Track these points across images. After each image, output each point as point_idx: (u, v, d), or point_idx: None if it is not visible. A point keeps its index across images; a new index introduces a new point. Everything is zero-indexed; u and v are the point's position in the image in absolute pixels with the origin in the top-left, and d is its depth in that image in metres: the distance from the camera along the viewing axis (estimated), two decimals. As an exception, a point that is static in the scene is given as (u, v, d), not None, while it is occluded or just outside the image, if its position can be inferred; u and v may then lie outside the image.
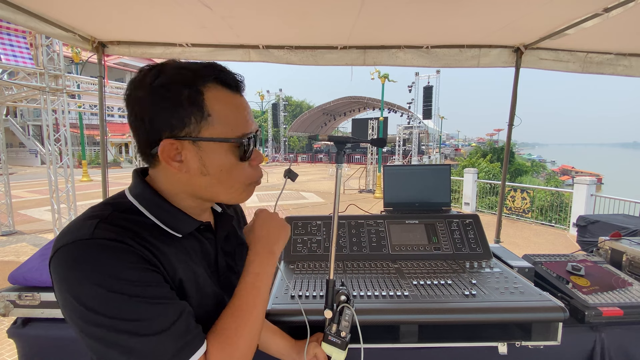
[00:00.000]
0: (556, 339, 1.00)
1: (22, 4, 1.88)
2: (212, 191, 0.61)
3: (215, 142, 0.57)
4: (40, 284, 1.16)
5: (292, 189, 14.06)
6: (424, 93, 20.70)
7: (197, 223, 0.64)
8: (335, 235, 0.85)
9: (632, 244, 1.47)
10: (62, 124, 6.53)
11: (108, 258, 0.49)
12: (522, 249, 5.91)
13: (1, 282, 4.12)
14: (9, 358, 2.87)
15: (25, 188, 13.76)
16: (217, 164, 0.58)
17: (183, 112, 0.55)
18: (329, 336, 0.79)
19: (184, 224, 0.61)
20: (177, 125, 0.55)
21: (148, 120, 0.55)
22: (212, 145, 0.57)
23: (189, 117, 0.55)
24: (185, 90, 0.54)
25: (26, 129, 27.06)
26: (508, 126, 2.82)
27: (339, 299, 0.81)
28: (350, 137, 0.85)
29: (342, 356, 0.78)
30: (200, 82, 0.56)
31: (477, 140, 66.09)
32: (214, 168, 0.58)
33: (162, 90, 0.54)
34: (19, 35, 6.04)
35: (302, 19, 2.08)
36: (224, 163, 0.59)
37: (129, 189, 0.63)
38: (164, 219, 0.59)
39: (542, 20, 2.04)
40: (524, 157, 39.69)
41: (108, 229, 0.52)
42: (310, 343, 0.87)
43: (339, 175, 0.84)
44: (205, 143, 0.56)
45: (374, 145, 0.92)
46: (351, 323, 0.80)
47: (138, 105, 0.56)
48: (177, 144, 0.55)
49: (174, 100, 0.54)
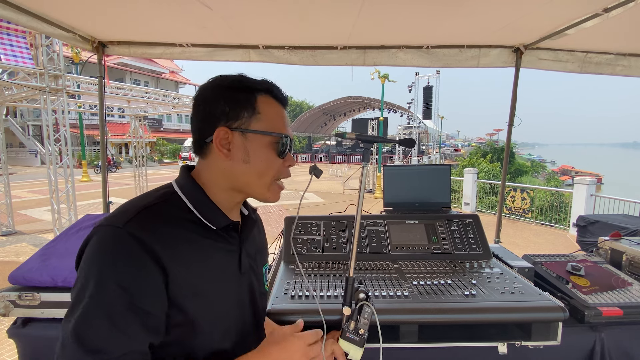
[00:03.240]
0: (556, 339, 1.00)
1: (23, 4, 1.88)
2: (247, 180, 0.69)
3: (260, 135, 0.68)
4: (40, 284, 1.16)
5: (292, 189, 14.06)
6: (424, 93, 20.71)
7: (229, 221, 0.70)
8: (357, 233, 0.85)
9: (632, 244, 1.47)
10: (62, 124, 6.53)
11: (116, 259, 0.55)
12: (522, 249, 5.91)
13: (1, 282, 4.12)
14: (9, 358, 2.87)
15: (25, 188, 13.76)
16: (258, 154, 0.68)
17: (237, 108, 0.66)
18: (347, 333, 0.79)
19: (218, 217, 0.68)
20: (231, 117, 0.66)
21: (208, 112, 0.67)
22: (257, 137, 0.68)
23: (242, 112, 0.67)
24: (242, 92, 0.67)
25: (26, 129, 27.05)
26: (508, 126, 2.82)
27: (357, 296, 0.81)
28: (378, 136, 0.86)
29: (359, 353, 0.79)
30: (255, 89, 0.69)
31: (477, 140, 66.11)
32: (255, 157, 0.68)
33: (224, 90, 0.67)
34: (19, 35, 6.03)
35: (302, 19, 2.08)
36: (263, 154, 0.69)
37: (175, 180, 0.70)
38: (201, 211, 0.67)
39: (542, 21, 2.04)
40: (524, 157, 39.71)
41: (143, 220, 0.59)
42: (327, 340, 0.87)
43: (364, 174, 0.84)
44: (252, 135, 0.67)
45: (403, 146, 0.91)
46: (370, 321, 0.80)
47: (203, 101, 0.68)
48: (229, 133, 0.66)
49: (232, 98, 0.67)
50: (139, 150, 11.68)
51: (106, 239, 0.56)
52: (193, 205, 0.67)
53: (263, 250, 0.87)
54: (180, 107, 10.87)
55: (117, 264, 0.54)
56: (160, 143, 32.57)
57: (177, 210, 0.65)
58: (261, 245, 0.86)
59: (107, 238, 0.56)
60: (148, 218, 0.60)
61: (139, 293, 0.54)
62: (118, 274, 0.54)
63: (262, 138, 0.68)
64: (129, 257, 0.55)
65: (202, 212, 0.67)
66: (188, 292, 0.61)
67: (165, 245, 0.58)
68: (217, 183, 0.70)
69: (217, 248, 0.67)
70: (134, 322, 0.54)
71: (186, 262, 0.61)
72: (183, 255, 0.61)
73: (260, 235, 0.88)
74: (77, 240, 1.35)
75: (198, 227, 0.65)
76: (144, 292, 0.55)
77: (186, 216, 0.65)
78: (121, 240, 0.56)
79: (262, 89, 0.69)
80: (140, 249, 0.56)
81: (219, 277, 0.67)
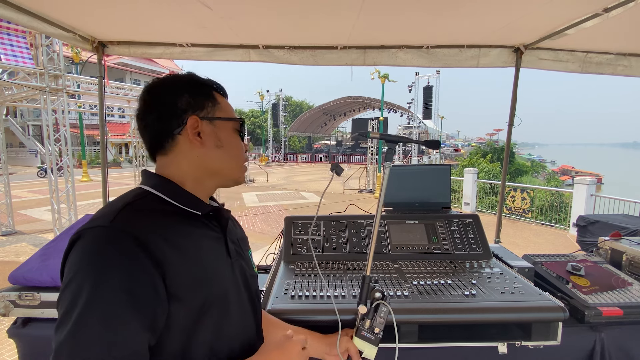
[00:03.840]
0: (556, 339, 1.00)
1: (23, 4, 1.88)
2: (223, 165, 0.73)
3: (225, 122, 0.74)
4: (40, 284, 1.16)
5: (292, 189, 14.06)
6: (424, 93, 20.70)
7: (209, 207, 0.72)
8: (376, 232, 0.85)
9: (632, 244, 1.47)
10: (62, 124, 6.53)
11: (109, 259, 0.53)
12: (522, 249, 5.91)
13: (1, 282, 4.12)
14: (9, 358, 2.87)
15: (25, 188, 13.76)
16: (229, 139, 0.74)
17: (201, 99, 0.71)
18: (362, 331, 0.80)
19: (199, 204, 0.70)
20: (197, 107, 0.70)
21: (171, 106, 0.68)
22: (223, 124, 0.73)
23: (206, 103, 0.71)
24: (201, 86, 0.73)
25: (26, 129, 27.04)
26: (508, 126, 2.82)
27: (373, 295, 0.81)
28: (402, 136, 0.85)
29: (373, 352, 0.79)
30: (212, 88, 0.75)
31: (477, 140, 66.07)
32: (227, 142, 0.73)
33: (185, 84, 0.71)
34: (19, 35, 6.03)
35: (302, 19, 2.08)
36: (232, 138, 0.75)
37: (141, 184, 0.69)
38: (181, 201, 0.68)
39: (542, 20, 2.04)
40: (524, 157, 39.69)
41: (129, 217, 0.58)
42: (341, 337, 0.88)
43: (386, 174, 0.84)
44: (219, 122, 0.73)
45: (428, 147, 0.90)
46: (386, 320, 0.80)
47: (163, 97, 0.70)
48: (199, 122, 0.69)
49: (194, 91, 0.71)
50: (139, 150, 11.69)
51: (94, 240, 0.54)
52: (171, 197, 0.67)
53: (244, 238, 0.89)
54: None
55: (112, 264, 0.52)
56: (160, 143, 32.46)
57: (157, 204, 0.65)
58: (241, 235, 0.87)
59: (96, 239, 0.54)
60: (133, 213, 0.59)
61: (138, 293, 0.53)
62: (115, 275, 0.52)
63: (227, 124, 0.74)
64: (123, 256, 0.53)
65: (182, 202, 0.67)
66: (188, 279, 0.60)
67: (157, 237, 0.58)
68: (189, 173, 0.70)
69: (205, 234, 0.69)
70: (135, 324, 0.52)
71: (180, 250, 0.61)
72: (176, 244, 0.60)
73: (237, 227, 0.89)
74: (77, 240, 1.35)
75: (182, 217, 0.66)
76: (143, 291, 0.53)
77: (168, 208, 0.65)
78: (111, 238, 0.54)
79: (213, 86, 0.75)
80: (133, 245, 0.54)
81: (213, 261, 0.68)
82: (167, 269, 0.57)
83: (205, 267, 0.65)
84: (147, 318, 0.54)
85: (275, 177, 17.02)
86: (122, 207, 0.59)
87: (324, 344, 0.92)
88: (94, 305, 0.50)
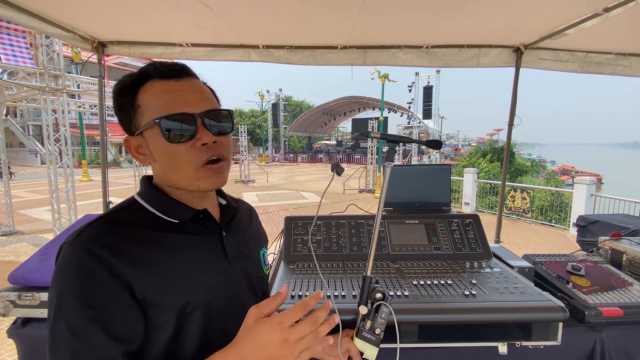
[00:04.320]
0: (556, 339, 1.00)
1: (23, 4, 1.88)
2: (167, 177, 0.66)
3: (147, 129, 0.62)
4: (40, 284, 1.16)
5: (292, 188, 14.06)
6: (424, 93, 20.72)
7: (193, 211, 0.68)
8: (377, 233, 0.84)
9: (632, 244, 1.47)
10: (62, 124, 6.53)
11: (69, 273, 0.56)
12: (522, 249, 5.91)
13: (1, 282, 4.12)
14: (9, 358, 2.87)
15: (25, 188, 13.76)
16: (158, 149, 0.63)
17: (124, 113, 0.64)
18: (363, 332, 0.79)
19: (179, 211, 0.67)
20: (125, 124, 0.64)
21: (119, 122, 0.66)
22: (148, 132, 0.62)
23: (128, 115, 0.63)
24: (124, 95, 0.63)
25: (26, 129, 27.05)
26: (508, 126, 2.81)
27: (374, 296, 0.81)
28: (403, 136, 0.84)
29: (374, 353, 0.79)
30: (134, 83, 0.63)
31: (477, 140, 66.08)
32: (157, 153, 0.63)
33: (113, 99, 0.65)
34: (19, 35, 6.04)
35: (302, 19, 2.08)
36: (159, 146, 0.62)
37: (136, 192, 0.70)
38: (161, 209, 0.66)
39: (542, 20, 2.04)
40: (524, 157, 39.68)
41: (93, 231, 0.59)
42: (342, 338, 0.87)
43: (387, 174, 0.83)
44: (145, 132, 0.62)
45: (430, 147, 0.89)
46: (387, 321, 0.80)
47: None
48: (130, 140, 0.65)
49: (118, 105, 0.64)
50: (139, 150, 11.65)
51: (62, 256, 0.57)
52: (152, 206, 0.66)
53: (258, 235, 0.86)
54: (180, 107, 10.85)
55: (71, 278, 0.55)
56: (161, 143, 32.48)
57: (136, 214, 0.65)
58: (255, 231, 0.84)
59: (63, 255, 0.57)
60: (99, 228, 0.59)
61: (97, 304, 0.54)
62: (74, 289, 0.54)
63: (150, 133, 0.62)
64: (82, 270, 0.55)
65: (162, 210, 0.66)
66: (158, 286, 0.59)
67: (118, 251, 0.57)
68: (166, 183, 0.68)
69: (187, 240, 0.66)
70: (97, 332, 0.53)
71: (144, 258, 0.60)
72: (140, 253, 0.60)
73: (253, 223, 0.86)
74: (77, 240, 1.35)
75: (160, 225, 0.64)
76: (103, 302, 0.55)
77: (145, 218, 0.65)
78: (72, 255, 0.56)
79: (140, 81, 0.63)
80: (91, 260, 0.55)
81: (194, 266, 0.65)
82: (130, 278, 0.57)
83: (180, 273, 0.62)
84: (108, 326, 0.55)
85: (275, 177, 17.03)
86: (94, 221, 0.61)
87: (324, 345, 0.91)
88: (59, 315, 0.54)
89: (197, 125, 0.62)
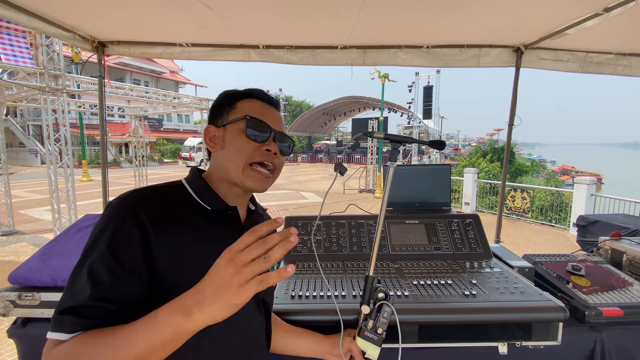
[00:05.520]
0: (556, 339, 1.00)
1: (23, 4, 1.88)
2: (226, 164, 0.76)
3: (233, 123, 0.76)
4: (40, 284, 1.16)
5: (292, 188, 14.06)
6: (424, 93, 20.71)
7: (225, 205, 0.76)
8: (379, 233, 0.85)
9: (632, 244, 1.47)
10: (62, 124, 6.52)
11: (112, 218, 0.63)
12: (522, 249, 5.91)
13: (1, 282, 4.12)
14: (9, 358, 2.87)
15: (25, 188, 13.76)
16: (232, 140, 0.76)
17: (220, 109, 0.79)
18: (365, 331, 0.79)
19: (214, 201, 0.75)
20: (217, 117, 0.80)
21: (209, 117, 0.82)
22: (231, 126, 0.77)
23: (223, 111, 0.79)
24: (227, 98, 0.80)
25: (26, 129, 27.04)
26: (508, 126, 2.82)
27: (376, 296, 0.81)
28: (407, 136, 0.85)
29: (376, 352, 0.79)
30: (238, 95, 0.80)
31: (477, 140, 66.07)
32: (229, 143, 0.76)
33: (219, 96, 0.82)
34: (19, 35, 6.03)
35: (302, 19, 2.08)
36: (236, 138, 0.75)
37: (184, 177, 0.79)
38: (200, 195, 0.75)
39: (542, 20, 2.04)
40: (524, 157, 39.66)
41: (142, 194, 0.68)
42: (344, 338, 0.87)
43: (390, 174, 0.83)
44: (229, 125, 0.77)
45: (433, 147, 0.89)
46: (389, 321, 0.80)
47: None
48: (212, 128, 0.79)
49: (219, 103, 0.80)
50: (139, 150, 11.69)
51: (111, 207, 0.65)
52: (193, 190, 0.75)
53: None
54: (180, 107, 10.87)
55: (109, 226, 0.62)
56: (161, 143, 32.54)
57: (177, 194, 0.74)
58: None
59: (112, 207, 0.65)
60: (147, 193, 0.69)
61: (119, 253, 0.60)
62: (107, 235, 0.61)
63: (234, 126, 0.76)
64: (119, 221, 0.62)
65: (201, 196, 0.75)
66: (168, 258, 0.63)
67: (151, 213, 0.64)
68: (215, 174, 0.78)
69: (214, 230, 0.72)
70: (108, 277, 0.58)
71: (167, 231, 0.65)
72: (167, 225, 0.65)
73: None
74: (77, 240, 1.35)
75: (195, 209, 0.72)
76: (125, 253, 0.60)
77: (185, 199, 0.73)
78: (118, 207, 0.64)
79: (246, 95, 0.80)
80: (129, 215, 0.62)
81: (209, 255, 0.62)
82: (151, 238, 0.63)
83: (193, 256, 0.66)
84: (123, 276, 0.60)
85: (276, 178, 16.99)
86: (145, 187, 0.70)
87: (326, 344, 0.92)
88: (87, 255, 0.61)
89: (271, 136, 0.77)
